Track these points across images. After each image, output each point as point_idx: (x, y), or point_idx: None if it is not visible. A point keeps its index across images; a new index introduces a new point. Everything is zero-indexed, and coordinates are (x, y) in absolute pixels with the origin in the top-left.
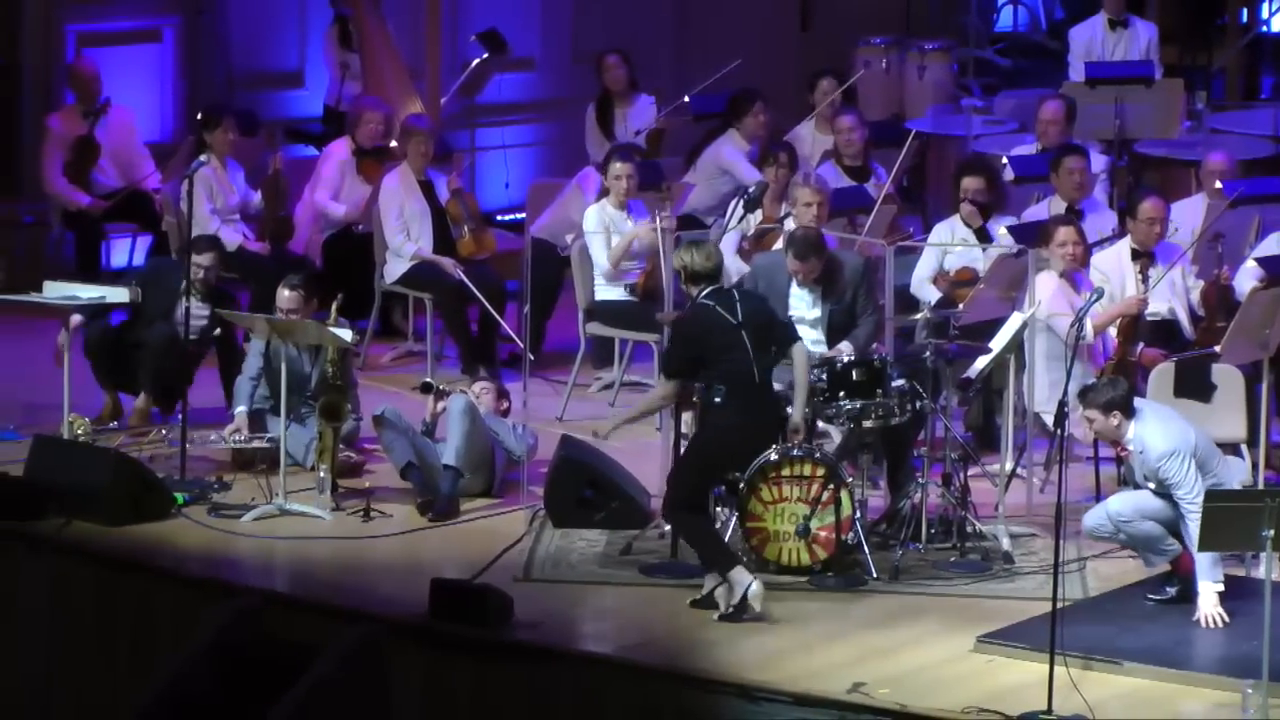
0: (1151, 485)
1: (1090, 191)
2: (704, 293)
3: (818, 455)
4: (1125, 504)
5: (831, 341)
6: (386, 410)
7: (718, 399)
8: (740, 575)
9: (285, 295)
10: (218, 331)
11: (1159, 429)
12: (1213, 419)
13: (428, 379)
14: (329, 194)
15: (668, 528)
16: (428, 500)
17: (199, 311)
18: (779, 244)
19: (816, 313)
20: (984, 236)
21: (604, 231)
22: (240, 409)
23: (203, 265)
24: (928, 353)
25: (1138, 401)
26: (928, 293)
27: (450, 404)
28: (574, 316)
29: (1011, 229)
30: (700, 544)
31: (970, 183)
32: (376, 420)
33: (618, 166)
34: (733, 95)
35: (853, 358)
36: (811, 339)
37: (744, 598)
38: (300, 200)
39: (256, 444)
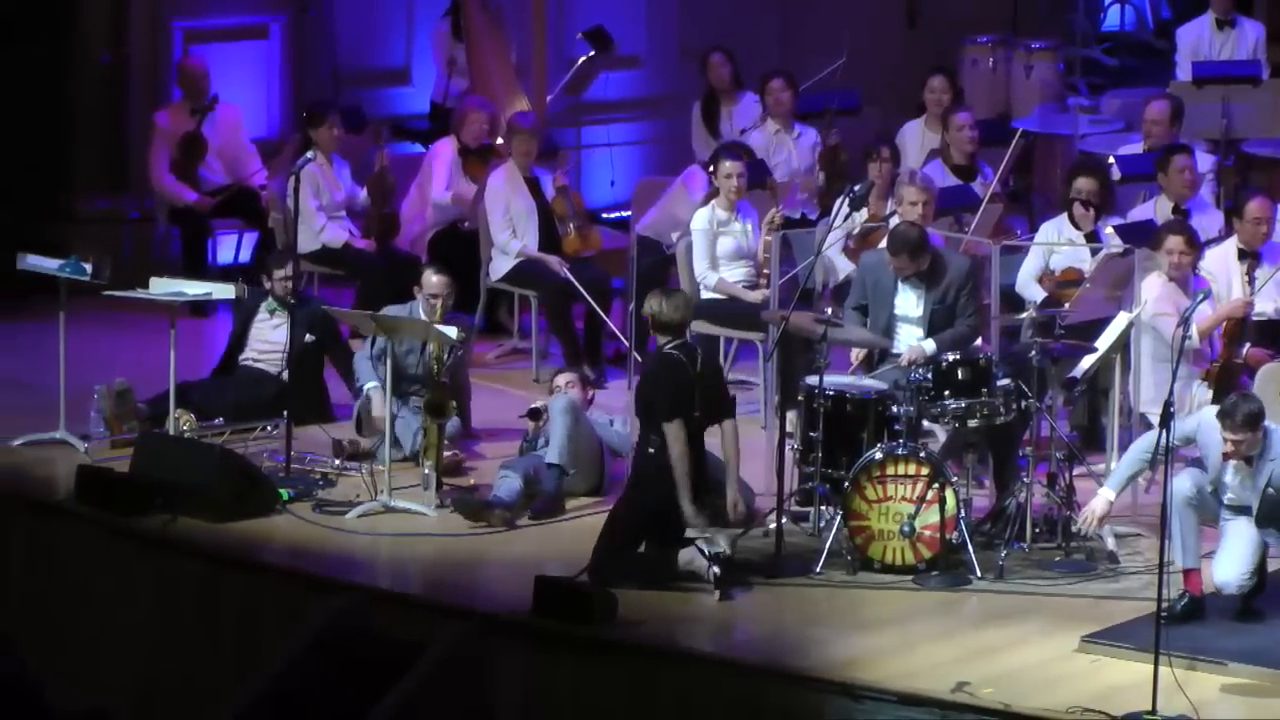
0: (1273, 490)
1: (1197, 191)
2: (669, 344)
3: (922, 454)
4: (1229, 573)
5: None
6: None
7: (652, 450)
8: (688, 556)
9: (434, 280)
10: (310, 338)
11: None
12: None
13: (535, 405)
14: (444, 189)
15: (773, 525)
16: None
17: (276, 323)
18: (884, 242)
19: (919, 311)
20: (1093, 238)
21: (710, 232)
22: (372, 384)
23: (282, 278)
24: (1033, 352)
25: None
26: (1033, 292)
27: (552, 404)
28: None
29: (1118, 228)
30: (649, 574)
31: (1084, 184)
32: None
33: (728, 165)
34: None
35: (947, 357)
36: (916, 336)
37: (713, 559)
38: (406, 197)
39: (366, 467)
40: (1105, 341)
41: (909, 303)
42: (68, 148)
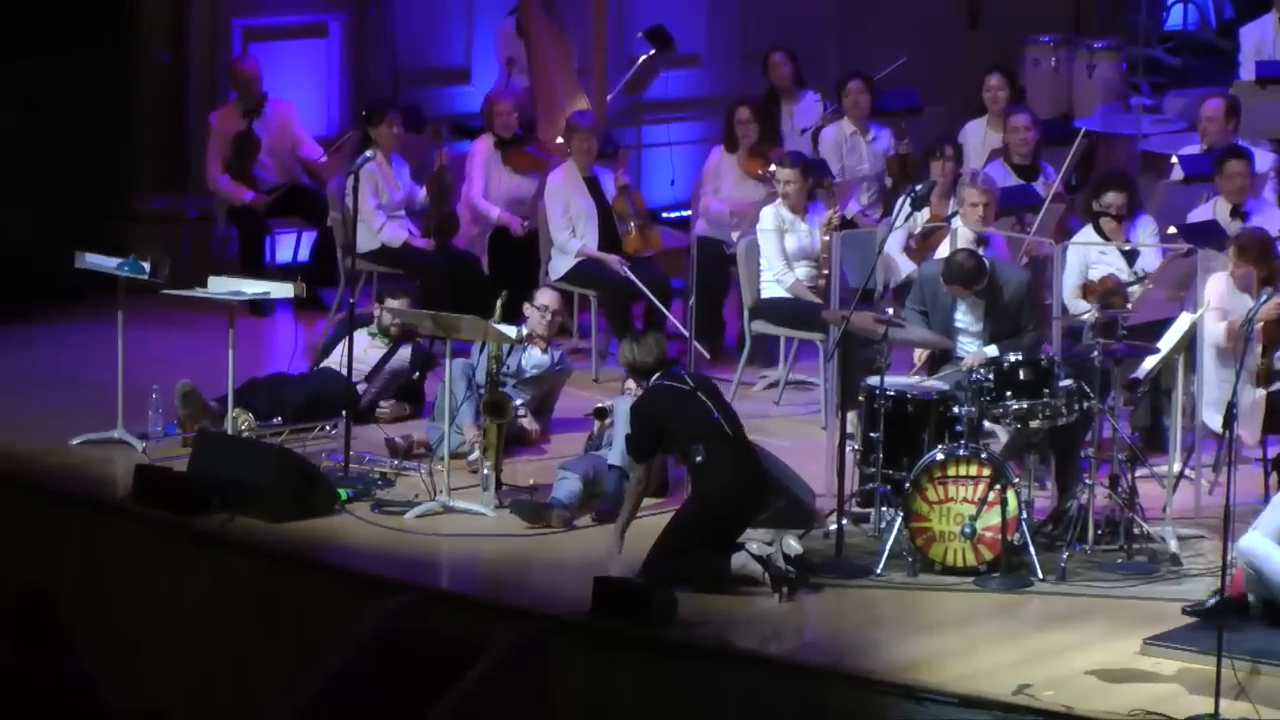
0: None
1: (1259, 191)
2: (654, 378)
3: (984, 455)
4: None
5: None
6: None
7: (699, 458)
8: (741, 560)
9: (547, 294)
10: (416, 375)
11: None
12: None
13: (601, 405)
14: (481, 192)
15: (833, 527)
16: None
17: (374, 344)
18: (945, 244)
19: (979, 326)
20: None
21: (778, 231)
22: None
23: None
24: (1095, 352)
25: None
26: (1078, 306)
27: (616, 405)
28: (738, 314)
29: (1181, 228)
30: (701, 578)
31: (1114, 198)
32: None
33: (785, 172)
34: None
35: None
36: (976, 348)
37: (766, 563)
38: (459, 198)
39: (425, 467)
40: (1168, 342)
41: (969, 318)
42: (128, 147)
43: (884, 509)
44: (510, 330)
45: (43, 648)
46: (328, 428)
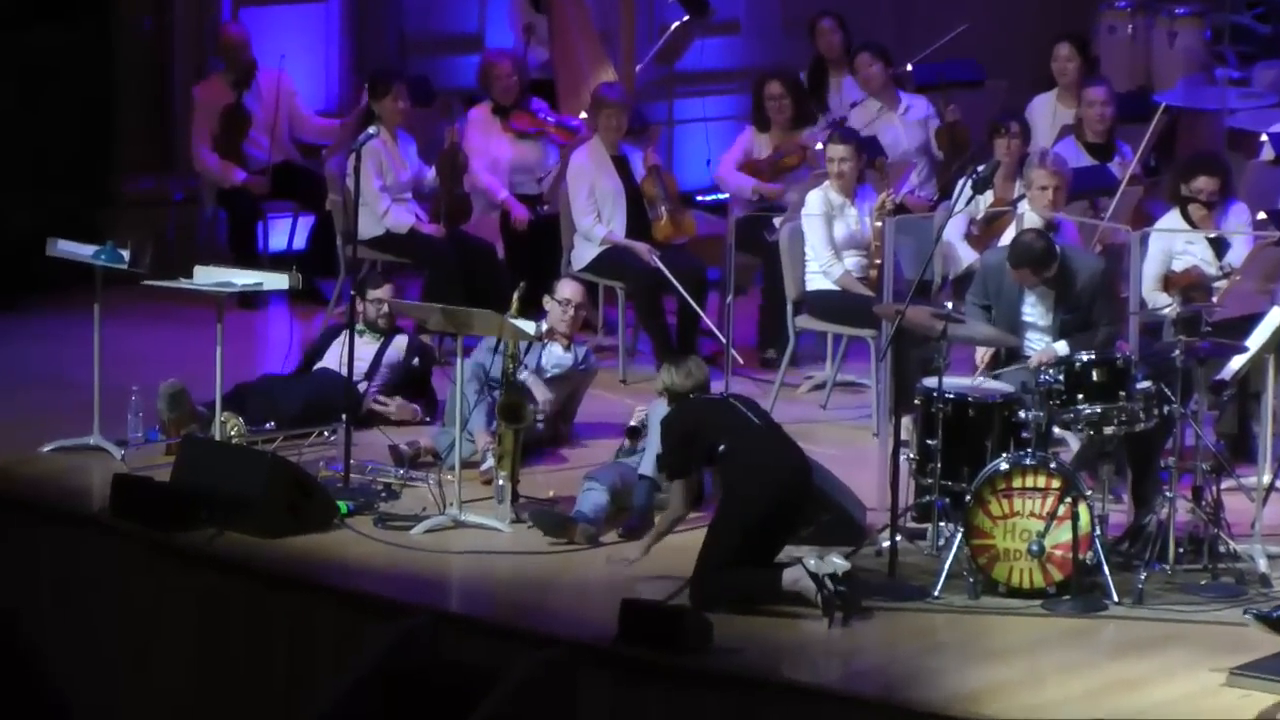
0: None
1: None
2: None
3: (1053, 465)
4: None
5: None
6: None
7: (723, 447)
8: (793, 575)
9: (569, 286)
10: (416, 361)
11: None
12: None
13: (634, 424)
14: (486, 167)
15: (886, 544)
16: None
17: (365, 340)
18: (1010, 231)
19: (1048, 320)
20: (1215, 242)
21: (826, 216)
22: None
23: (375, 299)
24: (1177, 351)
25: None
26: (1158, 300)
27: (650, 413)
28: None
29: (1272, 214)
30: (752, 594)
31: (1205, 183)
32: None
33: (837, 149)
34: None
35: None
36: (1045, 344)
37: (820, 582)
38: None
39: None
40: (1257, 340)
41: (1037, 310)
42: (107, 123)
43: (942, 524)
44: (529, 326)
45: (9, 672)
46: (326, 433)
